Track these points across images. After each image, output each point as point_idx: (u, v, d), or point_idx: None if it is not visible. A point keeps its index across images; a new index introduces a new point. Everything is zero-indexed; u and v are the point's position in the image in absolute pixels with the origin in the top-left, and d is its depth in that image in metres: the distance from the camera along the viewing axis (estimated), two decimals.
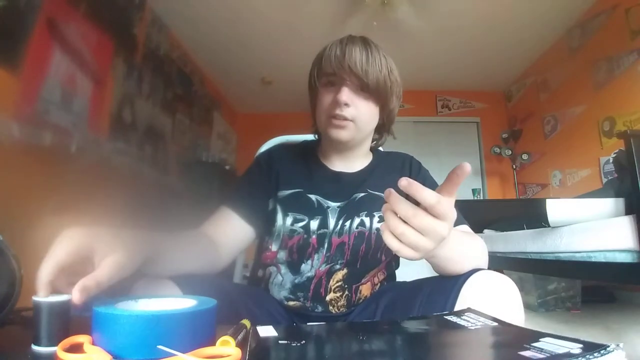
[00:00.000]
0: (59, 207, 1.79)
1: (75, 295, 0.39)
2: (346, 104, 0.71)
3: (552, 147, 3.46)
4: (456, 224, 0.69)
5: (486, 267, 0.61)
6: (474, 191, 3.78)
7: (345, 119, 0.72)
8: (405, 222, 0.42)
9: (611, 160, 2.39)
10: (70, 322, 0.42)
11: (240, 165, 4.07)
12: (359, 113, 0.72)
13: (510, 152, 3.82)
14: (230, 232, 0.73)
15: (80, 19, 2.05)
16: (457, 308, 0.53)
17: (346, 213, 0.75)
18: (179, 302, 0.44)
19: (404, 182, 0.41)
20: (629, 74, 2.55)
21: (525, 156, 3.69)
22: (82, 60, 2.07)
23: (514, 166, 3.86)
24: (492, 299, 0.52)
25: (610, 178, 2.28)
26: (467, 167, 0.42)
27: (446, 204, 0.42)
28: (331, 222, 0.75)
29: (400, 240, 0.43)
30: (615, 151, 1.93)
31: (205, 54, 3.55)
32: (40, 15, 1.75)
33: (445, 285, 0.57)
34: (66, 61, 1.94)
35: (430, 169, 0.86)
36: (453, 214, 0.44)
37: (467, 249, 0.59)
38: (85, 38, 2.09)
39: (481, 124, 4.38)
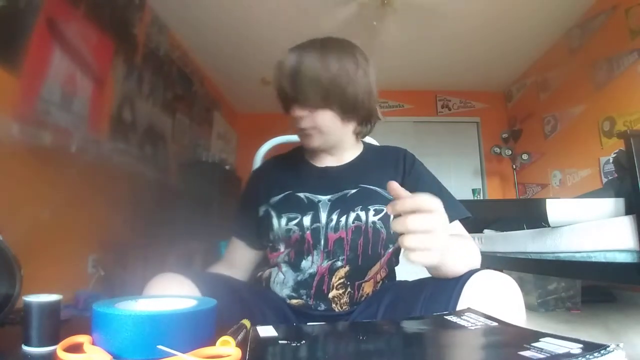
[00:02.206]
0: (59, 207, 1.79)
1: None
2: (300, 117, 0.73)
3: (552, 147, 3.46)
4: (451, 219, 0.70)
5: (479, 267, 0.62)
6: (474, 191, 3.78)
7: (307, 129, 0.74)
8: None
9: (611, 160, 2.39)
10: (60, 322, 0.42)
11: (240, 165, 4.07)
12: (317, 122, 0.74)
13: (510, 152, 3.82)
14: (244, 258, 0.84)
15: (80, 19, 2.05)
16: (459, 307, 0.53)
17: (340, 208, 0.75)
18: (179, 302, 0.44)
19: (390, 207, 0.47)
20: (629, 74, 2.55)
21: (525, 156, 3.69)
22: (82, 60, 2.07)
23: (514, 166, 3.86)
24: (494, 299, 0.52)
25: (610, 178, 2.28)
26: (392, 183, 0.48)
27: (418, 200, 0.46)
28: (323, 215, 0.75)
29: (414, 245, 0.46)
30: (615, 151, 1.93)
31: (205, 54, 3.55)
32: (40, 15, 1.75)
33: (447, 284, 0.57)
34: (66, 61, 1.94)
35: (430, 169, 0.86)
36: (434, 205, 0.47)
37: (462, 251, 0.61)
38: (85, 38, 2.09)
39: (481, 124, 4.38)
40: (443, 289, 0.57)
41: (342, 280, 0.73)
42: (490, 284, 0.54)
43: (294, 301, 0.74)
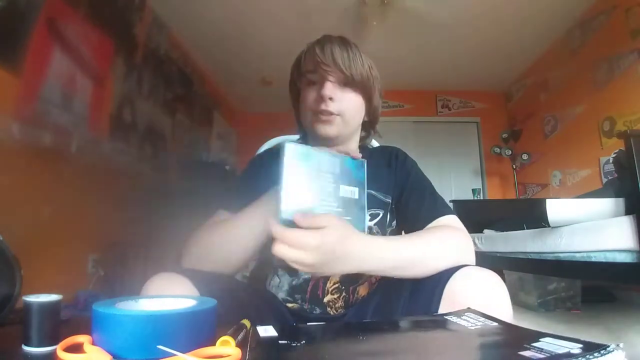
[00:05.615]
0: (59, 207, 1.79)
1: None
2: (330, 98, 0.71)
3: (552, 147, 3.46)
4: (438, 214, 0.70)
5: (470, 261, 0.61)
6: (474, 191, 3.78)
7: (331, 113, 0.71)
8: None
9: (611, 160, 2.39)
10: (60, 322, 0.42)
11: (241, 165, 4.07)
12: (343, 107, 0.72)
13: (510, 152, 3.81)
14: None
15: (80, 19, 2.05)
16: (442, 304, 0.54)
17: None
18: (179, 302, 0.44)
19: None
20: (629, 74, 2.54)
21: (525, 156, 3.69)
22: (82, 60, 2.07)
23: (514, 166, 3.86)
24: (477, 294, 0.52)
25: (610, 178, 2.28)
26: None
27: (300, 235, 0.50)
28: None
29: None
30: (615, 151, 1.93)
31: (205, 54, 3.55)
32: (40, 15, 1.75)
33: (430, 282, 0.58)
34: (66, 61, 1.94)
35: (430, 169, 0.86)
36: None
37: (428, 250, 0.60)
38: (85, 38, 2.09)
39: (481, 124, 4.37)
40: (426, 286, 0.58)
41: (336, 285, 0.73)
42: (473, 279, 0.54)
43: (289, 305, 0.73)
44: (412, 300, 0.59)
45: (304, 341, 0.40)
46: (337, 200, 0.55)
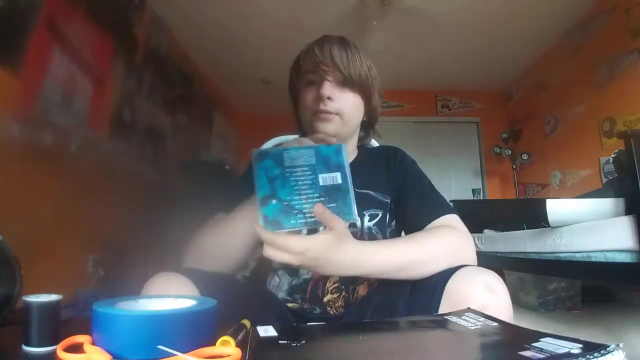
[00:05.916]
0: (59, 207, 1.79)
1: None
2: (329, 98, 0.71)
3: (552, 147, 3.46)
4: (438, 214, 0.70)
5: (468, 261, 0.62)
6: (474, 191, 3.78)
7: (330, 113, 0.72)
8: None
9: (611, 160, 2.39)
10: (61, 322, 0.42)
11: (241, 165, 4.06)
12: (342, 106, 0.73)
13: (510, 152, 3.82)
14: None
15: (80, 19, 2.05)
16: (442, 304, 0.54)
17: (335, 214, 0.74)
18: (179, 302, 0.44)
19: None
20: (629, 74, 2.55)
21: (525, 156, 3.69)
22: (82, 60, 2.07)
23: (514, 166, 3.86)
24: (477, 294, 0.52)
25: (610, 178, 2.28)
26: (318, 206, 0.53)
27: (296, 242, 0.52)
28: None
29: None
30: (615, 151, 1.93)
31: (205, 54, 3.55)
32: (40, 15, 1.75)
33: (430, 281, 0.58)
34: (66, 61, 1.94)
35: (430, 169, 0.86)
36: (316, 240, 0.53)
37: (424, 253, 0.61)
38: (85, 38, 2.09)
39: (481, 124, 4.37)
40: (426, 287, 0.58)
41: (336, 285, 0.73)
42: (472, 280, 0.54)
43: (289, 304, 0.73)
44: (411, 300, 0.59)
45: (304, 341, 0.40)
46: (318, 191, 0.56)
